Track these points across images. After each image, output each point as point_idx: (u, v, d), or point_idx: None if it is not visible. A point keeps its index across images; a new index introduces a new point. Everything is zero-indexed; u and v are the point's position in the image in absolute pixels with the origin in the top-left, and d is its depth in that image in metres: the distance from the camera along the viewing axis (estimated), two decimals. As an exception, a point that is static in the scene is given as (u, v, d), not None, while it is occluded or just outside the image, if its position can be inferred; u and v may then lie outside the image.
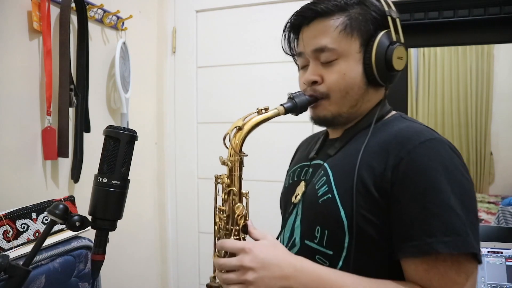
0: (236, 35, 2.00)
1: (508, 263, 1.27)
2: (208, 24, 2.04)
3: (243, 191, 0.78)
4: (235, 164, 0.77)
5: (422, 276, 0.67)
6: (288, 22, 0.87)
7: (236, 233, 0.76)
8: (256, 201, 0.81)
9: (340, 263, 0.74)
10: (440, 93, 3.59)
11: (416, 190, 0.68)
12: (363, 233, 0.72)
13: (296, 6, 2.10)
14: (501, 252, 1.29)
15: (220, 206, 0.79)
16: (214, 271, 0.80)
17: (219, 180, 0.79)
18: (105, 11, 1.58)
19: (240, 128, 0.76)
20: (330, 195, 0.76)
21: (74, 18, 1.43)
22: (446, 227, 0.65)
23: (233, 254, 0.72)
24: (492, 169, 3.51)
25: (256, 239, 0.75)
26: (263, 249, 0.70)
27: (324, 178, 0.80)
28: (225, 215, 0.78)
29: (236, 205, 0.76)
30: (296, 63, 0.91)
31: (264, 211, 1.37)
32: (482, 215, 2.71)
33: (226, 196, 0.78)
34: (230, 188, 0.77)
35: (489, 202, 3.07)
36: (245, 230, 0.77)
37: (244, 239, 0.77)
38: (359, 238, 0.71)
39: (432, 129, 0.76)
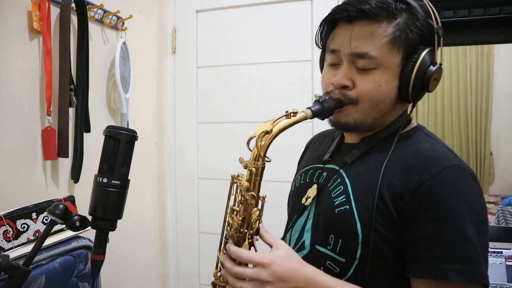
0: (236, 35, 2.00)
1: (508, 263, 1.27)
2: (208, 24, 2.04)
3: (261, 194, 0.76)
4: (258, 169, 0.74)
5: None
6: (328, 15, 0.79)
7: (250, 236, 0.75)
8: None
9: (351, 271, 0.75)
10: (440, 93, 3.59)
11: (435, 215, 0.68)
12: (377, 248, 0.72)
13: (296, 6, 2.10)
14: (501, 252, 1.29)
15: (233, 206, 0.77)
16: (217, 267, 0.80)
17: (235, 180, 0.77)
18: (105, 11, 1.58)
19: (267, 132, 0.72)
20: (347, 207, 0.76)
21: (74, 18, 1.43)
22: (460, 256, 0.66)
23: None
24: (492, 169, 3.51)
25: (267, 243, 0.75)
26: (281, 263, 0.70)
27: (342, 187, 0.79)
28: (240, 218, 0.76)
29: (253, 210, 0.75)
30: (322, 57, 0.86)
31: (264, 211, 1.37)
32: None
33: (242, 199, 0.75)
34: (249, 193, 0.74)
35: (489, 202, 3.07)
36: (256, 232, 0.76)
37: (255, 241, 0.77)
38: (372, 252, 0.72)
39: (455, 153, 0.75)
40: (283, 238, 0.91)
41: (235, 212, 0.77)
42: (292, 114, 0.74)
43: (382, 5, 0.72)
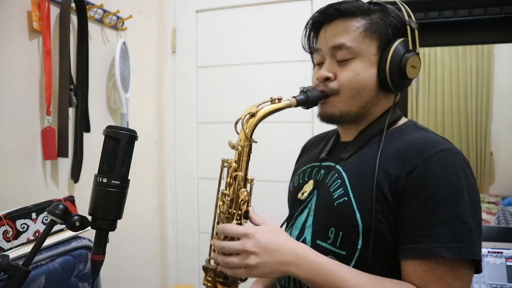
0: (236, 35, 2.00)
1: (508, 263, 1.27)
2: (208, 24, 2.04)
3: (249, 177, 0.79)
4: (244, 149, 0.78)
5: (419, 276, 0.69)
6: (310, 19, 0.88)
7: (238, 217, 0.77)
8: (255, 201, 0.81)
9: (352, 263, 0.76)
10: (440, 92, 3.59)
11: (426, 197, 0.70)
12: (377, 236, 0.73)
13: (296, 6, 2.10)
14: (501, 252, 1.29)
15: (223, 190, 0.80)
16: (210, 254, 0.82)
17: (225, 164, 0.81)
18: (105, 11, 1.57)
19: (253, 115, 0.77)
20: (346, 198, 0.78)
21: (74, 18, 1.43)
22: (452, 235, 0.68)
23: (233, 238, 0.73)
24: (492, 169, 3.51)
25: (256, 225, 0.76)
26: (266, 235, 0.71)
27: (339, 181, 0.81)
28: (228, 199, 0.78)
29: (241, 190, 0.77)
30: (312, 61, 0.93)
31: (263, 211, 1.37)
32: (482, 215, 2.71)
33: (231, 180, 0.79)
34: (236, 173, 0.78)
35: (489, 202, 3.08)
36: (246, 215, 0.78)
37: (244, 224, 0.78)
38: (373, 241, 0.73)
39: (447, 140, 0.77)
40: None
41: (225, 195, 0.80)
42: (276, 100, 0.78)
43: (357, 5, 0.81)
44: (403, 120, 0.86)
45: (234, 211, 0.77)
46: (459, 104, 3.54)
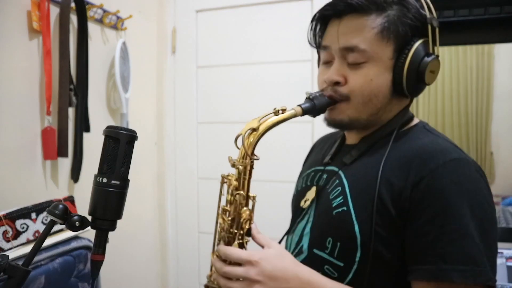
0: (236, 35, 2.00)
1: (508, 263, 1.27)
2: (208, 24, 2.04)
3: (251, 194, 0.75)
4: (246, 167, 0.73)
5: None
6: (317, 13, 0.78)
7: (240, 237, 0.74)
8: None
9: (350, 275, 0.72)
10: (440, 92, 3.58)
11: (434, 212, 0.64)
12: (376, 250, 0.69)
13: (296, 6, 2.10)
14: (501, 252, 1.29)
15: (224, 206, 0.77)
16: (211, 269, 0.80)
17: (225, 180, 0.76)
18: (104, 11, 1.57)
19: (254, 130, 0.72)
20: (345, 208, 0.73)
21: (74, 18, 1.43)
22: (463, 255, 0.62)
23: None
24: (492, 169, 3.50)
25: (259, 244, 0.73)
26: (271, 261, 0.68)
27: (340, 188, 0.76)
28: (230, 218, 0.75)
29: (243, 209, 0.74)
30: (318, 55, 0.84)
31: (263, 211, 1.37)
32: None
33: (232, 198, 0.75)
34: (238, 192, 0.74)
35: (489, 202, 3.06)
36: (248, 233, 0.75)
37: (246, 242, 0.76)
38: (372, 255, 0.69)
39: (458, 147, 0.71)
40: (280, 242, 0.90)
41: (226, 212, 0.76)
42: (280, 111, 0.72)
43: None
44: (414, 121, 0.80)
45: (236, 231, 0.74)
46: (459, 104, 3.53)
